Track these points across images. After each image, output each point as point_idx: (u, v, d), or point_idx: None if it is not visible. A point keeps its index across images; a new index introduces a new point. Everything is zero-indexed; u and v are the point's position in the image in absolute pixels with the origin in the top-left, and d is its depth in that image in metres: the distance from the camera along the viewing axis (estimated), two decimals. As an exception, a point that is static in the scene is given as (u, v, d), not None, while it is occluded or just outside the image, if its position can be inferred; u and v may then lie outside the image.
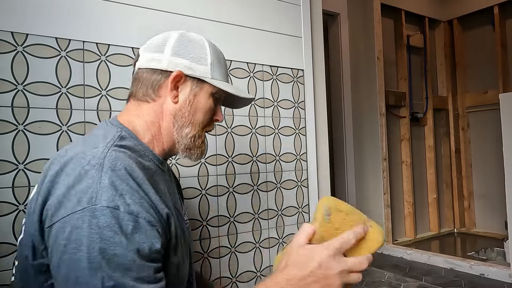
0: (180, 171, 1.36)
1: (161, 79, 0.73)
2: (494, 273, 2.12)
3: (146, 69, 0.74)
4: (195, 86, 0.75)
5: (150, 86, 0.73)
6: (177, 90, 0.74)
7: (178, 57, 0.74)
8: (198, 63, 0.75)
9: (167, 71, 0.73)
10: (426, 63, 3.32)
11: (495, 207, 3.16)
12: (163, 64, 0.73)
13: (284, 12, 1.67)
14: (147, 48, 0.77)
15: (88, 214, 0.53)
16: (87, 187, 0.55)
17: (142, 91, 0.74)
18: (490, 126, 3.22)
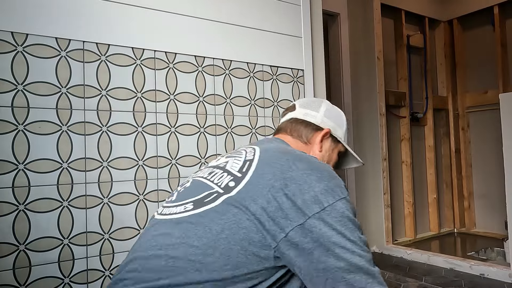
0: (180, 171, 1.36)
1: (313, 130, 0.94)
2: (494, 273, 2.12)
3: (303, 120, 0.95)
4: (333, 143, 0.96)
5: (303, 133, 0.94)
6: (322, 142, 0.94)
7: (329, 119, 0.96)
8: (339, 127, 0.98)
9: (319, 126, 0.94)
10: (426, 63, 3.32)
11: (495, 207, 3.16)
12: (317, 120, 0.95)
13: (284, 12, 1.67)
14: (304, 105, 0.98)
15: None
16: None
17: (297, 134, 0.94)
18: (490, 126, 3.22)
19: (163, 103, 1.35)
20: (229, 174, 0.75)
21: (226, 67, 1.50)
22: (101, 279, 1.18)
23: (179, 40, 1.39)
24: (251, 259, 0.65)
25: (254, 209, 0.66)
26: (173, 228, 0.70)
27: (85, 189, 1.18)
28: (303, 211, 0.65)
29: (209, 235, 0.66)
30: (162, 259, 0.66)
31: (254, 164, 0.74)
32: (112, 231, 1.21)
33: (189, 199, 0.74)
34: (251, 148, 0.81)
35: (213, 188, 0.73)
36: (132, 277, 0.67)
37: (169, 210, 0.76)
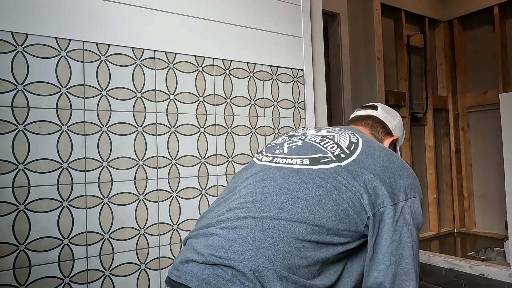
0: (180, 171, 1.36)
1: (386, 133, 1.10)
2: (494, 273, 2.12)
3: (382, 121, 1.11)
4: (392, 149, 1.11)
5: (380, 132, 1.10)
6: (389, 146, 1.08)
7: (398, 130, 1.14)
8: (401, 139, 1.17)
9: (391, 131, 1.11)
10: (426, 63, 3.32)
11: (495, 207, 3.16)
12: (392, 125, 1.12)
13: (284, 12, 1.67)
14: (385, 109, 1.15)
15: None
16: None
17: (376, 130, 1.09)
18: (490, 126, 3.22)
19: (163, 103, 1.35)
20: (339, 147, 0.87)
21: (226, 67, 1.50)
22: (101, 279, 1.18)
23: (179, 40, 1.39)
24: (350, 219, 0.77)
25: (359, 181, 0.79)
26: (291, 175, 0.81)
27: (85, 189, 1.18)
28: (393, 196, 0.79)
29: (323, 189, 0.78)
30: (283, 197, 0.77)
31: (359, 147, 0.87)
32: (112, 231, 1.21)
33: (305, 155, 0.86)
34: (351, 132, 0.95)
35: (327, 153, 0.86)
36: (250, 206, 0.77)
37: (284, 160, 0.87)
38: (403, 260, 0.78)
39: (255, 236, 0.72)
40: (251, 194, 0.80)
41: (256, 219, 0.74)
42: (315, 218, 0.75)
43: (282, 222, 0.74)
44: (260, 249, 0.70)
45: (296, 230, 0.73)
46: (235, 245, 0.71)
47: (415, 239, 0.81)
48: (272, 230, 0.72)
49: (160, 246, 1.30)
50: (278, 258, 0.70)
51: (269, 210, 0.76)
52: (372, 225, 0.79)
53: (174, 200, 1.34)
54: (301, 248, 0.73)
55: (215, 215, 0.81)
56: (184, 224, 1.36)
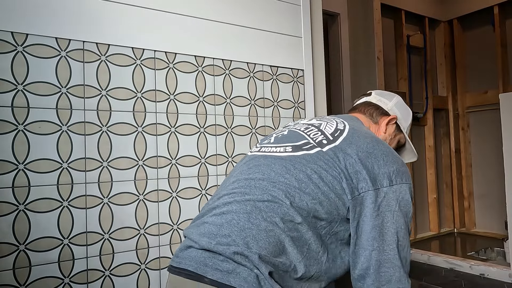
0: (180, 171, 1.36)
1: (381, 114, 1.10)
2: (494, 273, 2.12)
3: (376, 104, 1.12)
4: (396, 131, 1.11)
5: (374, 113, 1.09)
6: (387, 126, 1.08)
7: (397, 109, 1.12)
8: (404, 120, 1.13)
9: (388, 112, 1.10)
10: (426, 63, 3.31)
11: (495, 207, 3.16)
12: (388, 107, 1.11)
13: (284, 12, 1.67)
14: (379, 93, 1.15)
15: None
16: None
17: (369, 113, 1.10)
18: (490, 126, 3.22)
19: (163, 103, 1.35)
20: (323, 134, 0.90)
21: (226, 67, 1.50)
22: (101, 279, 1.18)
23: (179, 40, 1.39)
24: (331, 202, 0.81)
25: (341, 166, 0.82)
26: (275, 162, 0.86)
27: (85, 189, 1.18)
28: (375, 181, 0.81)
29: (303, 173, 0.82)
30: (265, 182, 0.82)
31: (344, 134, 0.89)
32: (112, 231, 1.21)
33: (288, 143, 0.91)
34: (340, 120, 0.96)
35: (309, 140, 0.89)
36: (236, 192, 0.83)
37: (269, 149, 0.92)
38: (387, 246, 0.79)
39: (239, 218, 0.78)
40: (237, 181, 0.86)
41: (240, 203, 0.80)
42: (295, 200, 0.79)
43: (265, 203, 0.79)
44: (244, 229, 0.76)
45: (278, 210, 0.78)
46: (222, 229, 0.77)
47: (402, 226, 0.81)
48: (256, 212, 0.78)
49: (160, 246, 1.30)
50: (262, 237, 0.75)
51: (252, 193, 0.81)
52: (353, 208, 0.81)
53: (174, 200, 1.34)
54: (284, 228, 0.77)
55: (209, 205, 0.87)
56: (184, 224, 1.36)
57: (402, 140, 1.15)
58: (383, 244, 0.79)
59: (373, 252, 0.79)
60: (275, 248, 0.75)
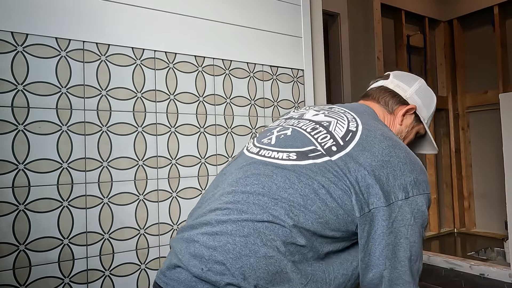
0: (180, 171, 1.36)
1: (398, 102, 0.96)
2: (494, 273, 2.12)
3: (392, 91, 0.97)
4: (415, 122, 0.98)
5: (389, 102, 0.96)
6: (404, 116, 0.96)
7: (418, 97, 0.98)
8: (425, 108, 0.99)
9: (406, 100, 0.96)
10: (426, 63, 3.31)
11: (495, 207, 3.16)
12: (406, 94, 0.97)
13: (284, 12, 1.67)
14: (398, 77, 1.00)
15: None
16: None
17: (384, 101, 0.96)
18: (490, 126, 3.21)
19: (163, 103, 1.35)
20: (332, 138, 0.80)
21: (226, 67, 1.50)
22: (101, 279, 1.18)
23: (179, 40, 1.39)
24: (339, 220, 0.73)
25: (351, 179, 0.73)
26: (276, 172, 0.76)
27: (85, 189, 1.18)
28: (389, 195, 0.73)
29: (310, 188, 0.73)
30: (265, 197, 0.72)
31: (357, 137, 0.78)
32: (112, 231, 1.21)
33: (293, 148, 0.80)
34: (352, 116, 0.85)
35: (317, 146, 0.78)
36: (231, 208, 0.73)
37: (270, 153, 0.81)
38: (399, 263, 0.73)
39: (236, 243, 0.68)
40: (233, 193, 0.76)
41: (237, 223, 0.71)
42: (299, 220, 0.70)
43: (264, 224, 0.69)
44: (241, 257, 0.67)
45: (279, 232, 0.69)
46: (215, 254, 0.68)
47: (416, 239, 0.75)
48: (254, 235, 0.69)
49: (160, 246, 1.30)
50: (261, 265, 0.67)
51: (250, 212, 0.71)
52: (362, 226, 0.74)
53: (174, 200, 1.34)
54: (285, 252, 0.69)
55: (200, 214, 0.78)
56: (184, 224, 1.36)
57: (421, 131, 1.02)
58: (395, 262, 0.73)
59: (385, 271, 0.73)
60: (275, 277, 0.67)
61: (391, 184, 0.73)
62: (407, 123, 0.97)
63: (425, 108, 0.99)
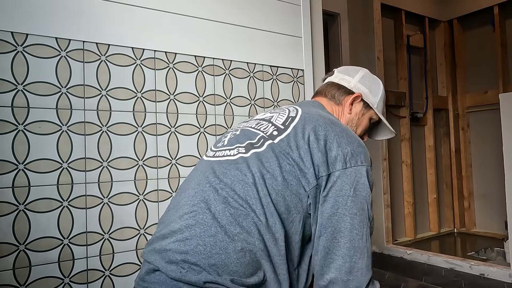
0: (180, 171, 1.36)
1: (344, 93, 1.00)
2: (494, 273, 2.12)
3: (337, 84, 1.02)
4: (364, 108, 1.01)
5: (335, 94, 1.01)
6: (352, 105, 1.00)
7: (362, 85, 1.02)
8: (372, 94, 1.02)
9: (351, 90, 1.00)
10: (426, 63, 3.32)
11: (495, 207, 3.16)
12: (350, 84, 1.01)
13: (284, 12, 1.67)
14: (341, 71, 1.06)
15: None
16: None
17: (331, 94, 1.01)
18: (490, 126, 3.22)
19: (163, 103, 1.35)
20: (273, 125, 0.86)
21: (226, 67, 1.50)
22: (101, 279, 1.18)
23: (179, 40, 1.39)
24: (293, 199, 0.76)
25: (294, 156, 0.77)
26: (229, 167, 0.81)
27: (85, 189, 1.18)
28: (329, 166, 0.76)
29: (259, 175, 0.77)
30: (224, 192, 0.77)
31: (296, 120, 0.84)
32: (112, 231, 1.21)
33: (241, 144, 0.85)
34: (294, 107, 0.92)
35: (261, 134, 0.84)
36: (196, 210, 0.77)
37: (223, 152, 0.86)
38: (337, 233, 0.74)
39: (205, 243, 0.72)
40: (195, 195, 0.80)
41: (204, 225, 0.74)
42: (256, 208, 0.74)
43: (229, 219, 0.74)
44: (212, 255, 0.71)
45: (244, 224, 0.73)
46: (188, 257, 0.71)
47: (357, 212, 0.75)
48: (221, 233, 0.72)
49: (160, 246, 1.30)
50: (232, 260, 0.71)
51: (213, 208, 0.75)
52: (314, 200, 0.76)
53: (174, 200, 1.34)
54: (253, 241, 0.72)
55: (169, 221, 0.80)
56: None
57: (374, 116, 1.04)
58: (334, 232, 0.74)
59: (321, 238, 0.75)
60: (248, 268, 0.72)
61: (328, 155, 0.77)
62: (356, 111, 1.01)
63: (372, 95, 1.02)
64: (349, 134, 0.82)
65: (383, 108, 1.08)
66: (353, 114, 1.00)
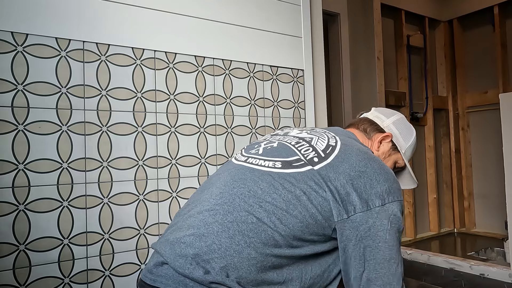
0: (180, 171, 1.36)
1: (375, 130, 1.05)
2: (494, 273, 2.12)
3: (371, 120, 1.07)
4: (392, 150, 1.05)
5: (368, 129, 1.04)
6: (381, 143, 1.03)
7: (395, 127, 1.06)
8: (403, 139, 1.06)
9: (383, 129, 1.05)
10: (426, 63, 3.32)
11: (495, 207, 3.16)
12: (384, 124, 1.06)
13: (284, 12, 1.67)
14: (378, 110, 1.11)
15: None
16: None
17: (363, 128, 1.05)
18: (490, 126, 3.22)
19: (163, 103, 1.35)
20: (314, 150, 0.86)
21: (226, 67, 1.50)
22: (101, 279, 1.18)
23: (179, 40, 1.39)
24: (318, 224, 0.78)
25: (331, 186, 0.79)
26: (262, 178, 0.81)
27: (85, 189, 1.18)
28: (367, 203, 0.78)
29: (292, 194, 0.78)
30: (251, 200, 0.77)
31: (336, 150, 0.86)
32: (112, 231, 1.21)
33: (278, 158, 0.86)
34: (332, 135, 0.93)
35: (300, 157, 0.85)
36: (218, 209, 0.78)
37: (256, 161, 0.87)
38: (378, 265, 0.78)
39: (221, 243, 0.73)
40: (220, 195, 0.80)
41: (223, 225, 0.75)
42: (281, 223, 0.75)
43: (249, 227, 0.74)
44: (225, 256, 0.72)
45: (262, 235, 0.74)
46: (201, 254, 0.72)
47: (393, 243, 0.80)
48: (238, 236, 0.73)
49: (160, 246, 1.30)
50: (244, 265, 0.72)
51: (236, 212, 0.76)
52: (341, 231, 0.79)
53: (174, 200, 1.34)
54: (267, 253, 0.74)
55: (187, 216, 0.81)
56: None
57: (400, 161, 1.08)
58: (374, 264, 0.78)
59: (364, 273, 0.79)
60: (256, 276, 0.72)
61: (368, 192, 0.79)
62: (384, 150, 1.04)
63: (402, 139, 1.06)
64: (386, 170, 0.85)
65: (410, 156, 1.10)
66: (380, 152, 1.03)
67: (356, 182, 0.79)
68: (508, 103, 2.08)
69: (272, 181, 0.80)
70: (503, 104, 2.10)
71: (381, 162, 0.87)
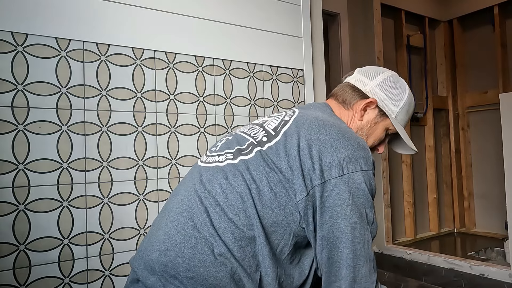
0: (180, 171, 1.36)
1: (358, 97, 0.90)
2: (494, 273, 2.12)
3: (353, 86, 0.91)
4: (379, 117, 0.90)
5: (348, 98, 0.90)
6: (365, 111, 0.89)
7: (380, 90, 0.90)
8: (392, 102, 0.90)
9: (366, 95, 0.89)
10: (426, 63, 3.31)
11: (495, 207, 3.16)
12: (366, 88, 0.90)
13: (284, 12, 1.67)
14: (361, 71, 0.94)
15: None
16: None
17: (342, 98, 0.91)
18: (490, 126, 3.21)
19: (163, 103, 1.35)
20: (264, 130, 0.81)
21: (226, 67, 1.50)
22: (101, 279, 1.18)
23: (179, 40, 1.39)
24: (281, 212, 0.71)
25: (281, 165, 0.72)
26: (216, 174, 0.77)
27: (85, 189, 1.18)
28: (322, 174, 0.70)
29: (244, 184, 0.72)
30: (207, 202, 0.73)
31: (288, 124, 0.78)
32: (112, 231, 1.21)
33: (229, 149, 0.81)
34: (292, 110, 0.86)
35: (251, 141, 0.80)
36: (179, 219, 0.74)
37: (214, 158, 0.82)
38: (340, 243, 0.70)
39: (184, 255, 0.70)
40: (181, 202, 0.77)
41: (184, 235, 0.71)
42: (239, 220, 0.70)
43: (209, 231, 0.70)
44: (190, 269, 0.69)
45: (225, 236, 0.70)
46: (167, 269, 0.70)
47: (357, 220, 0.70)
48: (201, 244, 0.70)
49: (160, 246, 1.30)
50: (211, 274, 0.68)
51: (196, 218, 0.72)
52: (304, 212, 0.71)
53: (174, 200, 1.34)
54: (234, 255, 0.69)
55: (156, 229, 0.78)
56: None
57: (391, 127, 0.92)
58: (334, 242, 0.70)
59: (323, 251, 0.71)
60: (227, 282, 0.68)
61: (323, 162, 0.70)
62: (369, 119, 0.90)
63: (391, 102, 0.90)
64: (347, 135, 0.75)
65: (406, 119, 0.94)
66: (364, 122, 0.90)
67: (307, 152, 0.71)
68: (508, 103, 2.08)
69: (225, 175, 0.75)
70: (503, 104, 2.10)
71: (341, 128, 0.77)
